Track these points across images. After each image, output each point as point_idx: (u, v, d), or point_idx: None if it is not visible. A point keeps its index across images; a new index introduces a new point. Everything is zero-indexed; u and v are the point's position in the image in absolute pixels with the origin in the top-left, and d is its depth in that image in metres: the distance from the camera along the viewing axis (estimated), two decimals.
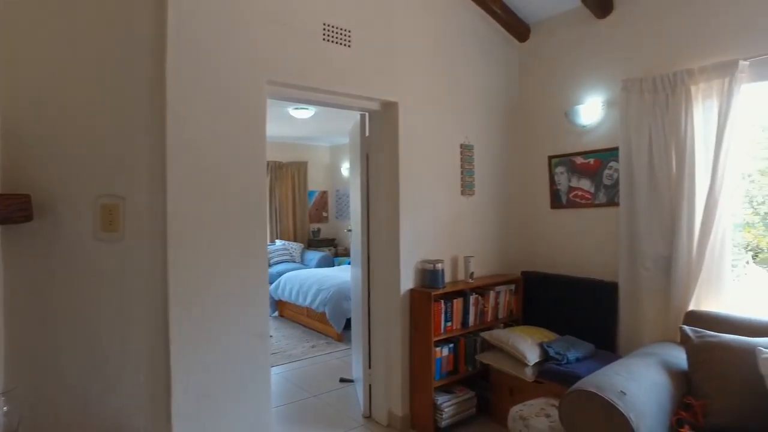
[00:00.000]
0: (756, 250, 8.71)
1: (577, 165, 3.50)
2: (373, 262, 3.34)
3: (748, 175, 8.24)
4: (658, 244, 2.96)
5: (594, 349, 3.10)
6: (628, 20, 3.26)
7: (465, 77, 3.57)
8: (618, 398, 2.07)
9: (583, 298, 3.35)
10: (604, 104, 3.36)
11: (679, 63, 2.96)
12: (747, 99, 2.73)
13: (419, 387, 3.19)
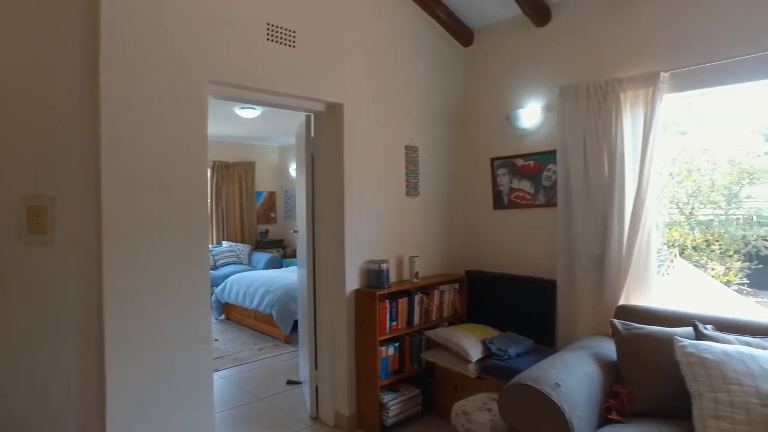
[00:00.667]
0: (682, 247, 9.27)
1: (518, 167, 3.63)
2: (318, 263, 3.34)
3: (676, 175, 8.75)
4: (592, 243, 3.12)
5: (534, 345, 3.23)
6: (564, 30, 3.42)
7: (410, 80, 3.63)
8: (553, 390, 2.17)
9: (524, 296, 3.48)
10: (543, 109, 3.51)
11: (610, 72, 3.13)
12: (670, 107, 2.93)
13: (365, 386, 3.22)
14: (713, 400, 2.05)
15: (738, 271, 8.84)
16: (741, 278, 8.79)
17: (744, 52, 2.69)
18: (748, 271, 8.81)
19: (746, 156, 8.33)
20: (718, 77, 2.79)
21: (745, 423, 1.97)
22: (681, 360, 2.19)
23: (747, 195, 8.47)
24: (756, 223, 8.46)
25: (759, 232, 8.41)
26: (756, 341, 2.26)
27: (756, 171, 8.28)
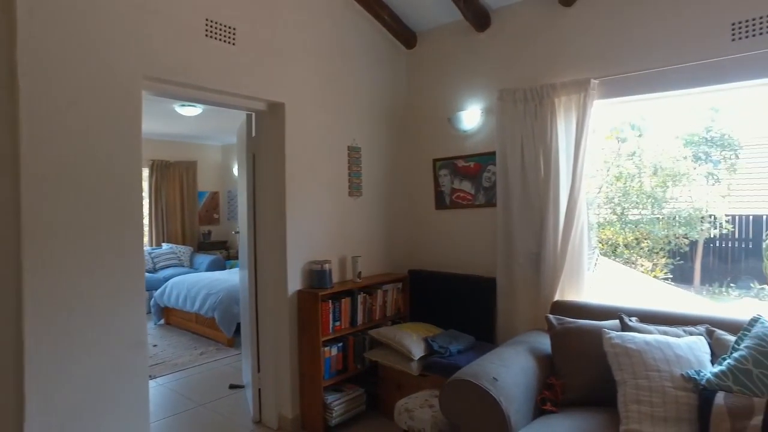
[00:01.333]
0: (614, 245, 9.71)
1: (459, 168, 3.72)
2: (260, 264, 3.28)
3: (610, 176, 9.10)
4: (529, 242, 3.24)
5: (474, 341, 3.32)
6: (503, 36, 3.53)
7: (354, 80, 3.64)
8: (491, 384, 2.24)
9: (465, 294, 3.56)
10: (483, 111, 3.61)
11: (546, 77, 3.26)
12: (602, 112, 3.10)
13: (309, 387, 3.20)
14: (635, 387, 2.19)
15: (663, 266, 9.45)
16: (666, 273, 9.39)
17: (664, 63, 2.89)
18: (671, 267, 9.42)
19: (670, 160, 8.89)
20: (642, 86, 2.98)
21: (660, 405, 2.12)
22: (608, 351, 2.32)
23: (670, 197, 9.05)
24: (677, 223, 9.07)
25: (679, 231, 9.00)
26: (673, 330, 2.43)
27: (677, 174, 8.86)
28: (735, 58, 2.70)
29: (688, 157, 8.87)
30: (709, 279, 9.18)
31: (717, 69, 2.76)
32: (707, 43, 2.78)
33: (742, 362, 2.07)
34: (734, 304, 7.97)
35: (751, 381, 2.02)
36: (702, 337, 2.38)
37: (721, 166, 9.38)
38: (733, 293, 8.59)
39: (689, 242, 9.06)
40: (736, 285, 8.76)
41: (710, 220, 8.90)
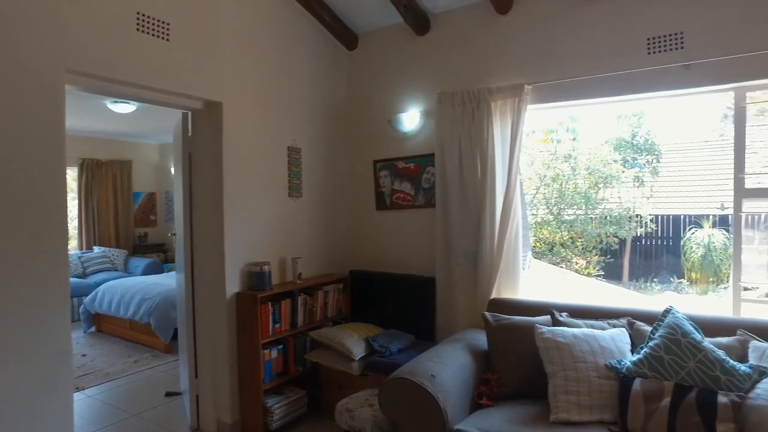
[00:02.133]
0: (551, 244, 10.11)
1: (400, 169, 3.77)
2: (197, 267, 3.19)
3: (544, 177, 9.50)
4: (467, 241, 3.33)
5: (415, 340, 3.38)
6: (442, 40, 3.61)
7: (294, 80, 3.61)
8: (428, 381, 2.29)
9: (406, 293, 3.61)
10: (422, 114, 3.68)
11: (483, 81, 3.37)
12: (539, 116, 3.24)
13: (249, 391, 3.14)
14: (564, 378, 2.31)
15: (596, 264, 9.94)
16: (598, 270, 9.88)
17: (590, 72, 3.07)
18: (603, 264, 9.93)
19: (601, 163, 9.38)
20: (570, 93, 3.14)
21: (586, 394, 2.25)
22: (540, 345, 2.44)
23: (602, 197, 9.55)
24: (608, 222, 9.57)
25: (609, 230, 9.52)
26: (598, 323, 2.58)
27: (608, 177, 9.37)
28: (650, 70, 2.91)
29: (617, 161, 9.41)
30: (636, 275, 9.79)
31: (635, 80, 2.96)
32: (626, 56, 2.97)
33: (656, 350, 2.23)
34: (657, 297, 8.54)
35: (663, 367, 2.18)
36: (624, 329, 2.54)
37: (646, 169, 10.03)
38: (656, 287, 9.20)
39: (619, 241, 9.62)
40: (659, 280, 9.39)
41: (637, 220, 9.49)
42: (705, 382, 2.09)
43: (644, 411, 2.10)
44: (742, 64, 2.71)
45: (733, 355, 2.22)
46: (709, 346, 2.19)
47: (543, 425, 2.22)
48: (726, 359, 2.13)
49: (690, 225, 9.19)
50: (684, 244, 9.07)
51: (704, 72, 2.80)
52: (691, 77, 2.84)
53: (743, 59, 2.70)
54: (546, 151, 9.46)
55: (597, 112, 11.67)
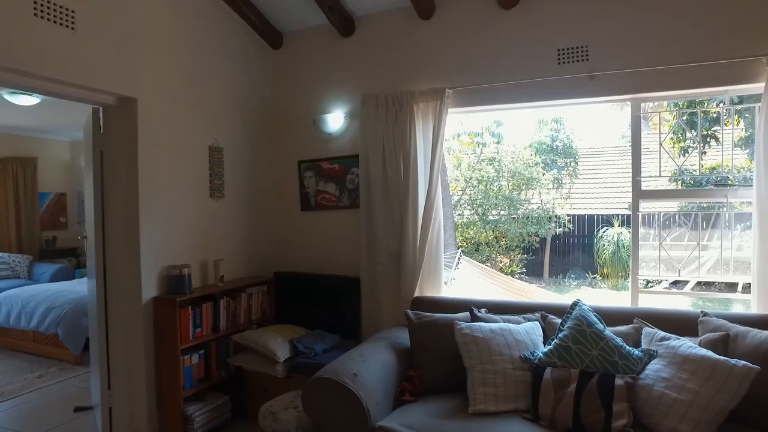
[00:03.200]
0: (477, 243, 10.47)
1: (324, 170, 3.77)
2: (110, 271, 3.01)
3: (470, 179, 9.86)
4: (390, 242, 3.39)
5: (339, 340, 3.39)
6: (367, 42, 3.66)
7: (216, 78, 3.51)
8: (351, 380, 2.31)
9: (331, 294, 3.62)
10: (347, 115, 3.70)
11: (406, 85, 3.44)
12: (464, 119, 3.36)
13: (168, 400, 3.01)
14: (482, 371, 2.41)
15: (519, 261, 10.41)
16: (521, 268, 10.35)
17: (506, 79, 3.23)
18: (525, 262, 10.43)
19: (524, 166, 9.85)
20: (488, 98, 3.30)
21: (502, 385, 2.37)
22: (459, 340, 2.53)
23: (524, 199, 10.04)
24: (530, 222, 10.07)
25: (531, 229, 10.01)
26: (514, 318, 2.72)
27: (530, 179, 9.86)
28: (561, 79, 3.11)
29: (538, 164, 9.95)
30: (556, 271, 10.39)
31: (547, 88, 3.15)
32: (540, 65, 3.16)
33: (564, 341, 2.39)
34: (573, 292, 9.11)
35: (570, 356, 2.33)
36: (537, 322, 2.70)
37: (565, 172, 10.67)
38: (573, 283, 9.82)
39: (539, 239, 10.17)
40: (575, 275, 10.02)
41: (556, 220, 10.07)
42: (605, 368, 2.27)
43: (553, 397, 2.24)
44: (637, 78, 2.96)
45: (630, 342, 2.43)
46: (610, 334, 2.38)
47: (462, 417, 2.30)
48: (623, 345, 2.32)
49: (602, 224, 9.88)
50: (597, 242, 9.74)
51: (606, 83, 3.04)
52: (596, 87, 3.07)
53: (639, 73, 2.96)
54: (472, 153, 9.82)
55: (520, 117, 12.27)
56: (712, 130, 6.41)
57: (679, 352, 2.21)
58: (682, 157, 6.42)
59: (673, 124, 5.82)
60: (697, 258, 3.49)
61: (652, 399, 2.13)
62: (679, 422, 2.02)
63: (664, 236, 3.50)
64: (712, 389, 2.03)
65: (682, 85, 2.94)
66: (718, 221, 3.36)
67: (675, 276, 3.42)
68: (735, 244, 3.14)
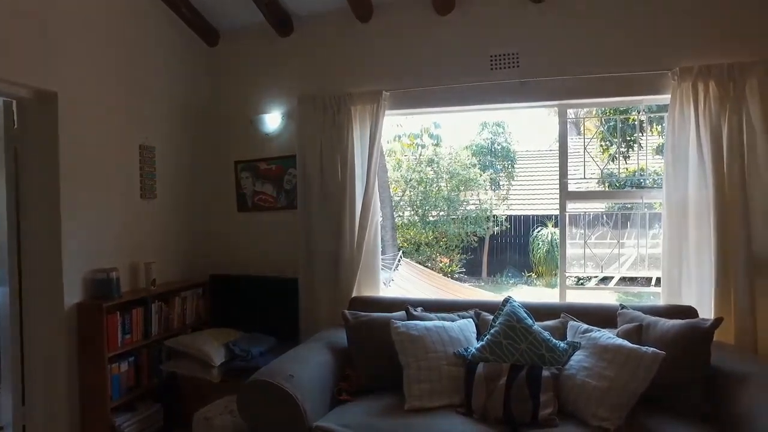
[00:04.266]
0: (417, 244, 10.63)
1: (261, 170, 3.72)
2: (27, 277, 2.82)
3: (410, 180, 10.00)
4: (328, 242, 3.39)
5: (277, 342, 3.34)
6: (305, 42, 3.64)
7: (148, 74, 3.38)
8: (287, 381, 2.29)
9: (269, 296, 3.57)
10: (284, 115, 3.66)
11: (344, 86, 3.45)
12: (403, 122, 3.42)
13: (93, 411, 2.86)
14: (417, 368, 2.46)
15: (458, 261, 10.66)
16: (461, 268, 10.61)
17: (441, 83, 3.32)
18: (464, 261, 10.70)
19: (462, 168, 10.10)
20: (424, 101, 3.39)
21: (438, 381, 2.43)
22: (395, 339, 2.57)
23: (463, 199, 10.30)
24: (468, 223, 10.34)
25: (469, 229, 10.29)
26: (449, 316, 2.80)
27: (468, 180, 10.13)
28: (493, 84, 3.23)
29: (476, 165, 10.25)
30: (494, 270, 10.73)
31: (481, 92, 3.27)
32: (474, 70, 3.27)
33: (496, 336, 2.49)
34: (510, 290, 9.45)
35: (501, 351, 2.43)
36: (471, 320, 2.79)
37: (502, 173, 11.05)
38: (510, 281, 10.18)
39: (478, 239, 10.47)
40: (512, 274, 10.40)
41: (493, 220, 10.41)
42: (534, 360, 2.38)
43: (485, 391, 2.32)
44: (563, 85, 3.13)
45: (557, 335, 2.56)
46: (538, 329, 2.50)
47: (398, 414, 2.34)
48: (550, 339, 2.45)
49: (537, 224, 10.31)
50: (532, 242, 10.16)
51: (535, 89, 3.19)
52: (526, 93, 3.21)
53: (565, 80, 3.13)
54: (412, 155, 9.97)
55: (460, 120, 12.58)
56: (634, 136, 6.88)
57: (599, 343, 2.36)
58: (611, 161, 6.85)
59: (602, 130, 6.19)
60: (621, 255, 3.72)
61: (575, 387, 2.26)
62: (598, 407, 2.16)
63: (589, 235, 3.72)
64: (626, 375, 2.18)
65: (603, 94, 3.15)
66: (638, 221, 3.61)
67: (599, 272, 3.64)
68: (650, 242, 3.38)
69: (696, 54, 2.91)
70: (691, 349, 2.32)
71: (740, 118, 2.76)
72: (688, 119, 2.85)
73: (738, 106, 2.76)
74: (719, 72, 2.79)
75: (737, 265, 2.74)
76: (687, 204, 2.88)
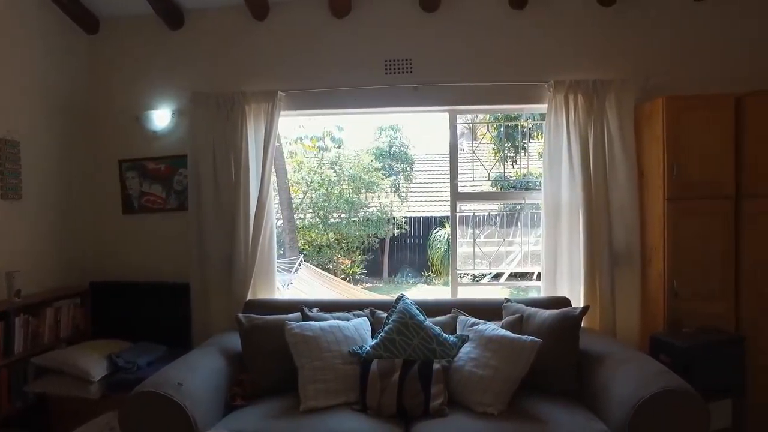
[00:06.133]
0: (319, 246, 10.60)
1: (150, 170, 3.50)
2: None
3: (311, 182, 9.94)
4: (222, 245, 3.28)
5: (167, 351, 3.16)
6: (197, 37, 3.49)
7: (12, 61, 3.03)
8: (174, 390, 2.18)
9: (158, 303, 3.37)
10: (175, 112, 3.48)
11: (238, 85, 3.36)
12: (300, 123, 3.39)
13: None
14: (312, 369, 2.46)
15: (360, 263, 10.78)
16: (362, 269, 10.74)
17: (338, 85, 3.35)
18: (365, 263, 10.84)
19: (363, 170, 10.24)
20: (320, 103, 3.41)
21: (332, 380, 2.45)
22: (289, 340, 2.54)
23: (364, 202, 10.44)
24: (369, 225, 10.51)
25: (370, 231, 10.45)
26: (345, 315, 2.83)
27: (369, 183, 10.29)
28: (388, 88, 3.33)
29: (378, 169, 10.42)
30: (394, 271, 10.98)
31: (376, 95, 3.36)
32: (369, 73, 3.35)
33: (389, 333, 2.56)
34: (410, 289, 9.74)
35: (395, 347, 2.51)
36: (366, 318, 2.84)
37: (401, 176, 11.35)
38: (410, 281, 10.48)
39: (378, 241, 10.65)
40: (412, 274, 10.72)
41: (393, 222, 10.65)
42: (426, 355, 2.48)
43: (379, 387, 2.37)
44: (453, 92, 3.31)
45: (447, 329, 2.69)
46: (429, 324, 2.61)
47: (293, 416, 2.32)
48: (440, 333, 2.57)
49: (435, 225, 10.72)
50: (430, 242, 10.54)
51: (428, 95, 3.34)
52: (419, 98, 3.35)
53: (455, 87, 3.31)
54: (314, 157, 9.91)
55: (360, 123, 12.75)
56: (522, 142, 7.47)
57: (485, 335, 2.52)
58: (501, 165, 7.36)
59: (492, 135, 6.61)
60: (510, 253, 3.99)
61: (463, 378, 2.40)
62: (483, 395, 2.31)
63: (479, 234, 3.96)
64: (508, 363, 2.35)
65: (489, 101, 3.38)
66: (524, 220, 3.91)
67: (488, 270, 3.89)
68: (536, 240, 3.67)
69: (569, 69, 3.23)
70: (563, 335, 2.56)
71: (602, 127, 3.11)
72: (561, 127, 3.15)
73: (600, 117, 3.11)
74: (586, 86, 3.11)
75: (602, 259, 3.07)
76: (561, 204, 3.18)
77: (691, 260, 2.85)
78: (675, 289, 2.84)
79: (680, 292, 2.83)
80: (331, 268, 9.23)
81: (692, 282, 2.85)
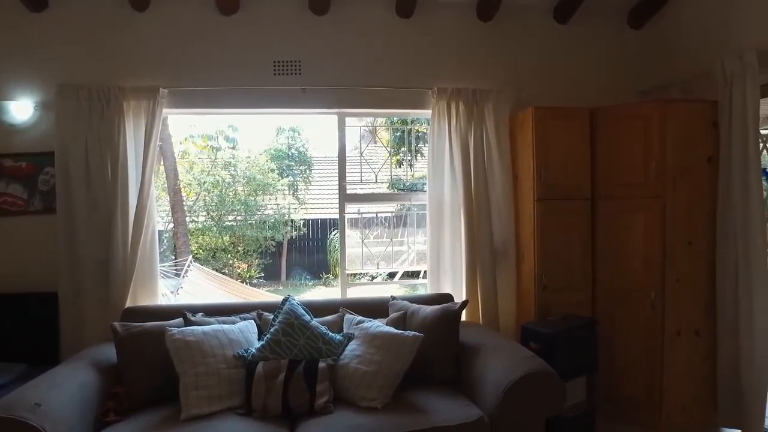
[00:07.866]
0: (214, 249, 10.16)
1: (7, 168, 3.15)
2: None
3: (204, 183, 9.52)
4: (96, 249, 3.04)
5: (27, 369, 2.85)
6: (65, 23, 3.18)
7: None
8: (30, 412, 1.98)
9: (17, 316, 3.03)
10: (39, 105, 3.16)
11: (115, 78, 3.14)
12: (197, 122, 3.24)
13: None
14: (194, 375, 2.38)
15: (257, 267, 10.52)
16: (259, 273, 10.48)
17: (225, 84, 3.27)
18: (263, 266, 10.60)
19: (260, 172, 10.00)
20: (206, 102, 3.30)
21: (216, 386, 2.39)
22: (170, 346, 2.44)
23: (261, 204, 10.19)
24: (266, 227, 10.29)
25: (267, 234, 10.25)
26: (230, 318, 2.77)
27: (266, 185, 10.08)
28: (277, 89, 3.31)
29: (274, 170, 10.22)
30: (293, 273, 10.85)
31: (264, 96, 3.33)
32: (257, 73, 3.32)
33: (275, 334, 2.55)
34: (309, 291, 9.68)
35: (281, 348, 2.51)
36: (252, 321, 2.80)
37: (300, 178, 11.24)
38: (309, 283, 10.42)
39: (276, 244, 10.45)
40: (311, 276, 10.66)
41: (291, 224, 10.52)
42: (312, 354, 2.51)
43: (264, 388, 2.36)
44: (341, 95, 3.38)
45: (334, 328, 2.74)
46: (316, 324, 2.64)
47: (173, 425, 2.23)
48: (327, 332, 2.61)
49: (334, 227, 10.76)
50: (329, 244, 10.55)
51: (317, 97, 3.37)
52: (308, 100, 3.37)
53: (343, 90, 3.38)
54: (206, 157, 9.50)
55: (257, 123, 12.43)
56: (418, 146, 7.78)
57: (369, 332, 2.60)
58: (397, 167, 7.58)
59: (389, 139, 6.79)
60: (403, 252, 4.13)
61: (348, 375, 2.46)
62: (367, 390, 2.38)
63: (367, 234, 4.06)
64: (392, 358, 2.45)
65: (377, 105, 3.49)
66: (411, 221, 4.08)
67: (376, 269, 4.00)
68: (424, 239, 3.84)
69: (451, 77, 3.43)
70: (444, 329, 2.72)
71: (482, 133, 3.35)
72: (444, 132, 3.34)
73: (480, 123, 3.34)
74: (466, 95, 3.33)
75: (483, 256, 3.30)
76: (444, 205, 3.37)
77: (556, 255, 3.16)
78: (543, 282, 3.13)
79: (548, 285, 3.13)
80: (226, 273, 8.90)
81: (557, 275, 3.16)
